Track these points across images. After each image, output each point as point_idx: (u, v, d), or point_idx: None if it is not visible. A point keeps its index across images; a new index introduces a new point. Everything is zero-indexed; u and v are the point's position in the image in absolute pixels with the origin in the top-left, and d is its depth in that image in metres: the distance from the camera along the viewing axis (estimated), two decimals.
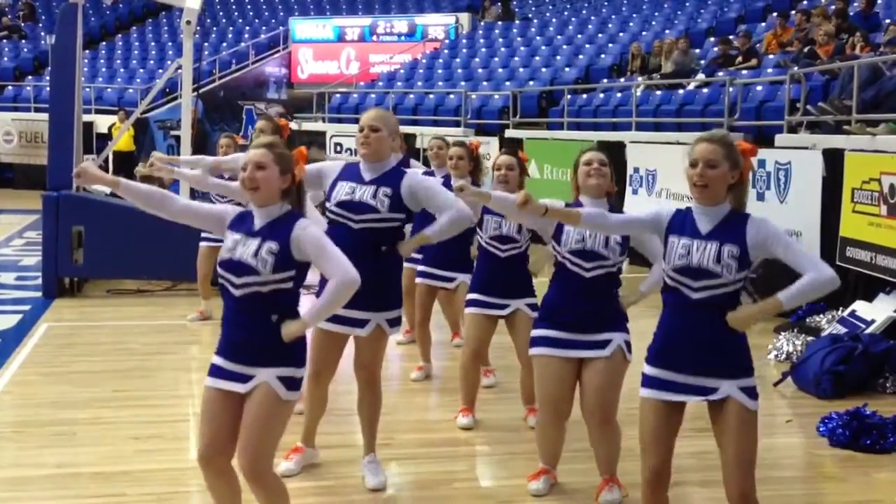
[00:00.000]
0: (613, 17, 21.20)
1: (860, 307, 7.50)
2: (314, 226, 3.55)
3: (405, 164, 8.28)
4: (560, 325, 4.31)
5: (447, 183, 6.54)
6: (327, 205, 4.46)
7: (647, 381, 3.56)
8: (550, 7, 24.25)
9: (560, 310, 4.32)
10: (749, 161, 3.55)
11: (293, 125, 6.31)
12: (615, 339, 4.30)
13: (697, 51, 16.06)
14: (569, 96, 15.49)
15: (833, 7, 13.71)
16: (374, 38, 25.46)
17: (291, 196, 3.59)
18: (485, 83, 19.09)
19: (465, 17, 24.57)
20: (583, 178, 4.35)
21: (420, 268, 6.60)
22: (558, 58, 19.26)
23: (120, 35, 27.20)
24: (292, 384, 3.52)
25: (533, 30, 21.85)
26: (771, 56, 13.95)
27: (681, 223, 3.54)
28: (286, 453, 4.77)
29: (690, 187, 3.50)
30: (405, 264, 7.16)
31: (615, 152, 12.21)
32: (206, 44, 23.99)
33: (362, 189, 4.41)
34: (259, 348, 3.48)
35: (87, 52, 23.55)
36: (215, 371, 3.57)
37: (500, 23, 22.95)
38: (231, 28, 27.08)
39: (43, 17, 27.57)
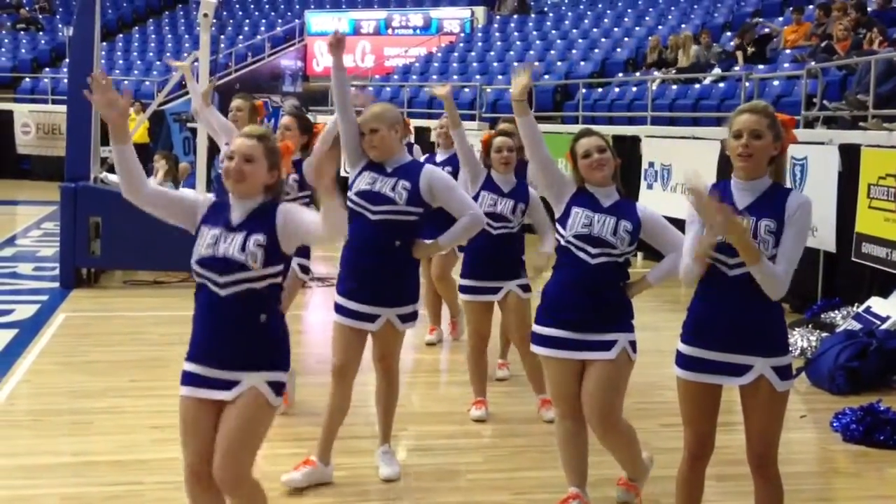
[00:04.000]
0: (629, 11, 21.13)
1: (875, 303, 7.47)
2: (295, 206, 3.46)
3: (409, 151, 8.34)
4: (563, 324, 4.04)
5: (453, 163, 6.66)
6: (348, 193, 4.44)
7: (682, 361, 3.51)
8: (566, 1, 24.18)
9: (563, 306, 4.06)
10: (791, 132, 3.51)
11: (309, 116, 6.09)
12: (620, 341, 4.03)
13: (715, 45, 15.99)
14: (584, 90, 15.46)
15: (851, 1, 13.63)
16: (390, 31, 25.46)
17: (273, 192, 3.43)
18: (500, 77, 19.05)
19: (480, 11, 24.53)
20: (586, 171, 4.09)
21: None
22: (574, 52, 19.22)
23: (137, 27, 27.30)
24: (279, 389, 3.37)
25: (548, 23, 21.81)
26: (788, 51, 13.89)
27: (719, 198, 3.42)
28: (295, 465, 4.56)
29: (733, 159, 3.43)
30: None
31: (630, 146, 12.20)
32: (222, 36, 24.03)
33: (383, 180, 4.43)
34: (246, 352, 3.31)
35: (104, 43, 23.62)
36: (191, 379, 3.36)
37: (515, 16, 22.91)
38: (247, 21, 27.13)
39: (60, 9, 27.69)
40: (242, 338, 3.31)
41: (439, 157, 7.27)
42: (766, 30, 15.12)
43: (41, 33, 26.07)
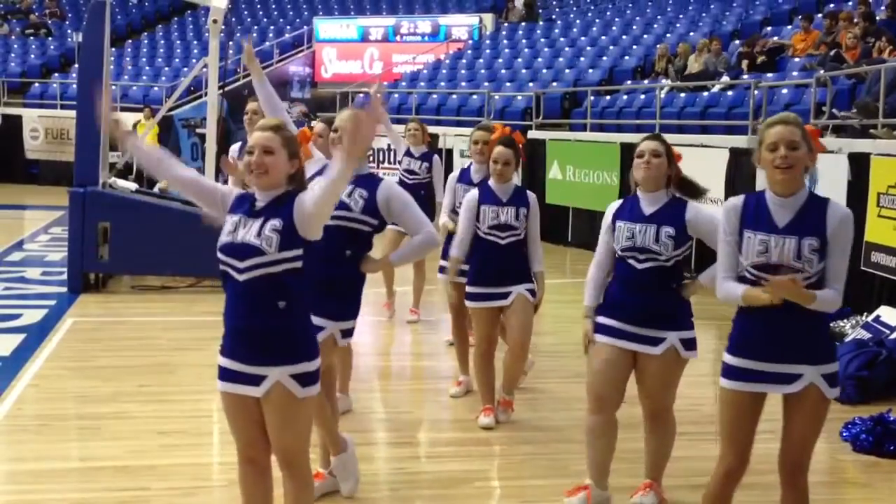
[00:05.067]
0: (638, 18, 21.12)
1: (885, 312, 7.44)
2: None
3: (428, 158, 8.30)
4: (617, 317, 4.22)
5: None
6: None
7: (729, 372, 3.50)
8: (574, 8, 24.19)
9: (617, 303, 4.24)
10: (819, 143, 3.51)
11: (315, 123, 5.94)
12: (669, 338, 4.18)
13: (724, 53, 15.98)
14: (592, 97, 15.45)
15: (858, 10, 13.62)
16: (398, 38, 25.48)
17: (296, 181, 3.47)
18: (508, 84, 19.07)
19: (488, 18, 24.54)
20: (635, 170, 4.23)
21: (442, 263, 6.43)
22: (582, 59, 19.22)
23: (146, 33, 27.37)
24: (308, 379, 3.39)
25: (556, 31, 21.81)
26: (796, 59, 13.87)
27: (755, 215, 3.43)
28: None
29: (770, 172, 3.39)
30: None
31: None
32: (230, 42, 24.10)
33: None
34: (267, 341, 3.34)
35: (114, 49, 23.67)
36: (225, 374, 3.44)
37: (523, 23, 22.92)
38: (256, 27, 27.18)
39: (70, 15, 27.79)
40: (263, 325, 3.34)
41: (475, 177, 6.56)
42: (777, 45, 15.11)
43: (51, 39, 26.16)
